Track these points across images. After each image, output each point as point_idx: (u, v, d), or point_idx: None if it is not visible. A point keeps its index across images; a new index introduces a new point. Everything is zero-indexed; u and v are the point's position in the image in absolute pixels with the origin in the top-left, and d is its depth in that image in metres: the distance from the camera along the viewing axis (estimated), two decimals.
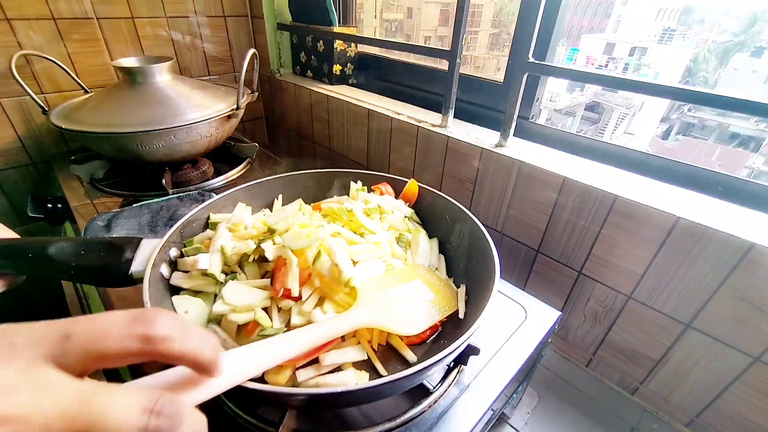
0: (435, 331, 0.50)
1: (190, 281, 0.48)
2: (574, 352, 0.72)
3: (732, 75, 15.25)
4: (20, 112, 0.90)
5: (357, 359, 0.43)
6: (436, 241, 0.60)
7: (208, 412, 0.20)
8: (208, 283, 0.47)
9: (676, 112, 13.14)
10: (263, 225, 0.53)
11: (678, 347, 0.58)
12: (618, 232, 0.59)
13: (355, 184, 0.65)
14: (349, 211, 0.56)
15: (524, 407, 0.75)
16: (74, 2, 0.88)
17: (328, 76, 1.07)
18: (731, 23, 21.94)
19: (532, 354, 0.53)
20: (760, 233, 0.48)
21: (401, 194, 0.65)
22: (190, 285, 0.48)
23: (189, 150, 0.82)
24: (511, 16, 1.84)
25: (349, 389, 0.35)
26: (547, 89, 0.79)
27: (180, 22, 1.04)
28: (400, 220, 0.60)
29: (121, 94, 0.80)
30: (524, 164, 0.66)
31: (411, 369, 0.34)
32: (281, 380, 0.40)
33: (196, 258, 0.48)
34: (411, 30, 8.34)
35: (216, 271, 0.47)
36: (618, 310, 0.63)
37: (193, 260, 0.48)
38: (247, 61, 0.80)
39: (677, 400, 0.61)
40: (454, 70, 0.73)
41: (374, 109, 0.89)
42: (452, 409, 0.46)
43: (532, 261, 0.72)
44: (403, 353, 0.47)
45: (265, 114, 1.34)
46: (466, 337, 0.38)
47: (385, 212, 0.60)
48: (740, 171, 10.44)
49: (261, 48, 1.16)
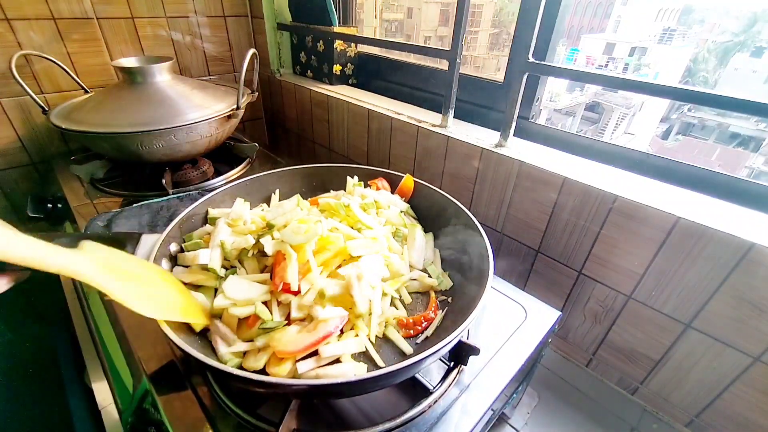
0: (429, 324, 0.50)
1: (190, 276, 0.48)
2: (574, 352, 0.72)
3: (732, 75, 15.24)
4: (20, 112, 0.90)
5: (355, 351, 0.44)
6: (431, 235, 0.61)
7: (208, 409, 0.20)
8: (208, 277, 0.48)
9: (676, 112, 13.14)
10: (262, 220, 0.53)
11: (678, 347, 0.58)
12: (618, 232, 0.59)
13: (351, 179, 0.65)
14: (346, 206, 0.56)
15: (524, 407, 0.75)
16: (74, 2, 0.88)
17: (328, 76, 1.07)
18: (731, 23, 21.94)
19: (532, 354, 0.53)
20: (760, 233, 0.48)
21: (397, 189, 0.65)
22: (190, 280, 0.48)
23: (189, 150, 0.82)
24: (511, 16, 1.84)
25: (348, 380, 0.35)
26: (547, 89, 0.79)
27: (180, 22, 1.04)
28: (396, 214, 0.60)
29: (121, 94, 0.80)
30: (524, 164, 0.66)
31: (407, 360, 0.35)
32: (282, 372, 0.40)
33: (196, 253, 0.49)
34: (411, 30, 8.33)
35: (216, 265, 0.48)
36: (618, 310, 0.63)
37: (193, 255, 0.49)
38: (247, 61, 0.80)
39: (677, 400, 0.61)
40: (454, 70, 0.73)
41: (374, 109, 0.89)
42: (452, 409, 0.46)
43: (532, 261, 0.72)
44: (399, 345, 0.48)
45: (265, 114, 1.34)
46: (460, 330, 0.38)
47: (382, 207, 0.60)
48: (740, 171, 10.43)
49: (261, 48, 1.16)
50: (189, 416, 0.44)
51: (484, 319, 0.58)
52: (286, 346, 0.41)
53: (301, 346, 0.41)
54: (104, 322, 0.58)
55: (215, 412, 0.44)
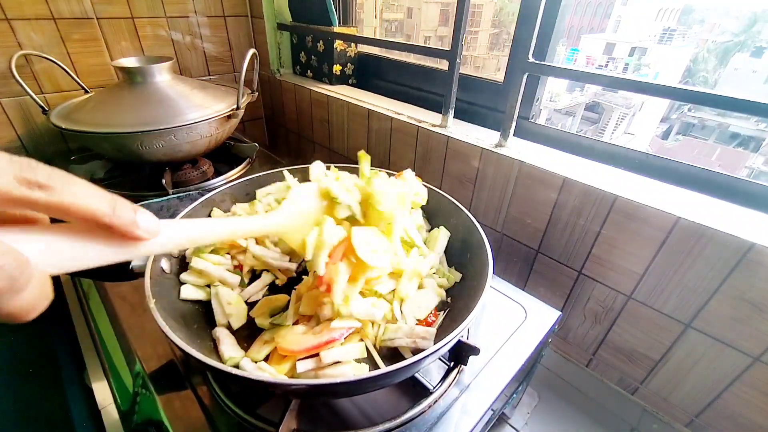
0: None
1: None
2: (574, 352, 0.72)
3: (732, 75, 15.25)
4: (20, 112, 0.90)
5: (357, 357, 0.44)
6: (447, 234, 0.59)
7: (207, 408, 0.20)
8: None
9: (676, 112, 13.14)
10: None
11: (678, 347, 0.58)
12: (618, 232, 0.59)
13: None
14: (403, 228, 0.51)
15: (524, 407, 0.75)
16: (74, 2, 0.88)
17: (328, 76, 1.07)
18: (731, 23, 21.93)
19: (532, 354, 0.53)
20: (760, 233, 0.48)
21: None
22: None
23: (189, 150, 0.82)
24: (511, 16, 1.84)
25: (348, 380, 0.35)
26: (547, 89, 0.79)
27: (180, 22, 1.04)
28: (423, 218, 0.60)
29: (121, 94, 0.80)
30: (524, 164, 0.66)
31: (407, 360, 0.35)
32: (281, 371, 0.41)
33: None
34: (411, 30, 8.34)
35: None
36: (618, 310, 0.63)
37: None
38: (247, 61, 0.80)
39: (677, 400, 0.61)
40: (454, 70, 0.73)
41: (374, 109, 0.89)
42: (452, 409, 0.46)
43: (532, 261, 0.72)
44: None
45: (265, 114, 1.34)
46: (460, 330, 0.38)
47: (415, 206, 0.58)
48: (740, 171, 10.43)
49: (261, 48, 1.16)
50: (189, 416, 0.44)
51: (484, 319, 0.58)
52: (290, 344, 0.41)
53: (303, 347, 0.41)
54: (104, 322, 0.58)
55: (215, 411, 0.44)
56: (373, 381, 0.36)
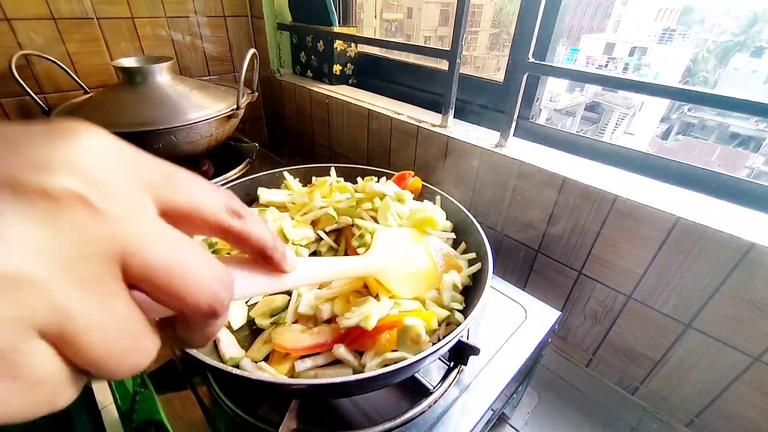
0: None
1: None
2: (574, 352, 0.72)
3: (732, 75, 15.25)
4: (20, 112, 0.90)
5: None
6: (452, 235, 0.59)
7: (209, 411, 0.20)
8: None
9: (676, 112, 13.14)
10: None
11: (678, 347, 0.58)
12: (618, 232, 0.59)
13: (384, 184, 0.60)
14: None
15: (524, 407, 0.75)
16: (74, 2, 0.88)
17: (328, 76, 1.07)
18: (731, 23, 21.93)
19: (532, 354, 0.53)
20: (760, 233, 0.48)
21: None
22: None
23: (189, 150, 0.82)
24: (511, 16, 1.84)
25: (348, 380, 0.35)
26: (547, 89, 0.79)
27: (180, 22, 1.04)
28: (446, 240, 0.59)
29: (121, 94, 0.80)
30: (524, 164, 0.66)
31: (407, 360, 0.35)
32: (281, 371, 0.41)
33: None
34: (411, 30, 8.34)
35: None
36: (618, 310, 0.63)
37: None
38: (247, 61, 0.80)
39: (677, 400, 0.61)
40: (454, 70, 0.73)
41: (374, 109, 0.89)
42: (452, 409, 0.46)
43: (532, 261, 0.72)
44: None
45: (265, 114, 1.34)
46: (460, 330, 0.38)
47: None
48: (740, 171, 10.44)
49: (261, 48, 1.16)
50: (188, 416, 0.44)
51: (483, 319, 0.58)
52: (286, 341, 0.41)
53: (299, 346, 0.41)
54: None
55: (215, 411, 0.44)
56: (373, 381, 0.36)
